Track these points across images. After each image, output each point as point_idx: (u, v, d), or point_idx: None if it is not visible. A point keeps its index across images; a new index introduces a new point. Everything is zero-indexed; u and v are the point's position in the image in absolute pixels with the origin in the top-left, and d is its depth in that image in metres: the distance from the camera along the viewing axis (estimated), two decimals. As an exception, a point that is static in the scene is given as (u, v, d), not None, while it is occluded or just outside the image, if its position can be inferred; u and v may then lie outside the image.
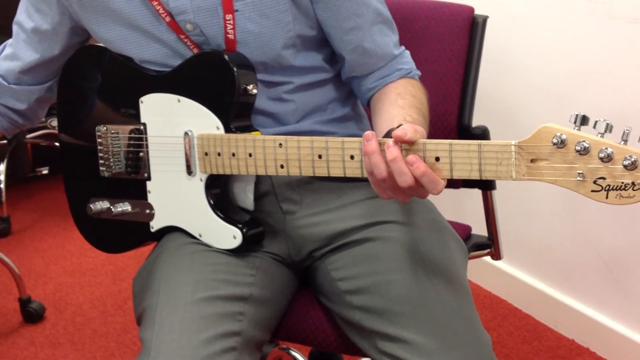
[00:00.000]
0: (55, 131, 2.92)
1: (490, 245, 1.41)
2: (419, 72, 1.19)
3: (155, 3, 1.07)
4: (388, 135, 0.92)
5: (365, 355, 1.07)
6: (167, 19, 1.08)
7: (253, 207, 1.09)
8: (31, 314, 2.08)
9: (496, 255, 1.42)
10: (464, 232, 1.39)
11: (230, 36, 1.07)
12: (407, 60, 1.18)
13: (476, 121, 1.37)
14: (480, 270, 2.19)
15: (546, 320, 2.04)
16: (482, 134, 1.30)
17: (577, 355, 1.89)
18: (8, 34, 1.24)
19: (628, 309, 1.80)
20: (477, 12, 1.37)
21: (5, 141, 2.85)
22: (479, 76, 1.38)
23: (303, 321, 1.14)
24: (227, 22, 1.06)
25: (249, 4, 1.06)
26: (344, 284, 1.07)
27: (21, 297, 2.09)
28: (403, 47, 1.19)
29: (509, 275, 2.14)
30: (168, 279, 1.04)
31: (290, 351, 1.82)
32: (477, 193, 1.40)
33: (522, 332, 2.00)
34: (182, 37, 1.09)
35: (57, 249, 2.55)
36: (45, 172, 3.00)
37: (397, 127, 0.91)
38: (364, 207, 1.12)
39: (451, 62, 1.35)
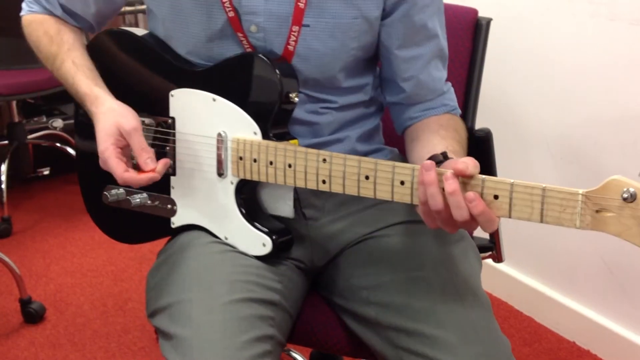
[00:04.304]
0: (57, 132, 2.94)
1: (492, 247, 1.41)
2: (460, 111, 1.19)
3: None
4: (433, 161, 0.91)
5: (371, 356, 1.07)
6: (231, 14, 1.05)
7: (293, 215, 1.07)
8: (32, 315, 2.08)
9: (498, 258, 1.42)
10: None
11: (291, 48, 1.06)
12: (452, 97, 1.18)
13: (479, 123, 1.37)
14: (482, 273, 2.18)
15: (547, 322, 2.03)
16: (485, 136, 1.29)
17: (578, 357, 1.89)
18: (9, 35, 1.24)
19: (630, 311, 1.80)
20: (480, 14, 1.37)
21: (6, 142, 2.85)
22: (482, 78, 1.37)
23: (306, 323, 1.14)
24: (292, 33, 1.05)
25: (322, 23, 1.05)
26: (362, 280, 1.07)
27: (22, 297, 2.09)
28: (449, 83, 1.18)
29: (510, 277, 2.14)
30: (199, 276, 1.02)
31: (291, 352, 1.82)
32: (479, 195, 1.40)
33: (523, 334, 2.00)
34: (240, 34, 1.06)
35: (58, 249, 2.55)
36: (46, 172, 3.00)
37: (441, 153, 0.91)
38: (386, 208, 1.12)
39: (454, 65, 1.34)
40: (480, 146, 1.29)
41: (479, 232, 1.43)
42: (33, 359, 1.92)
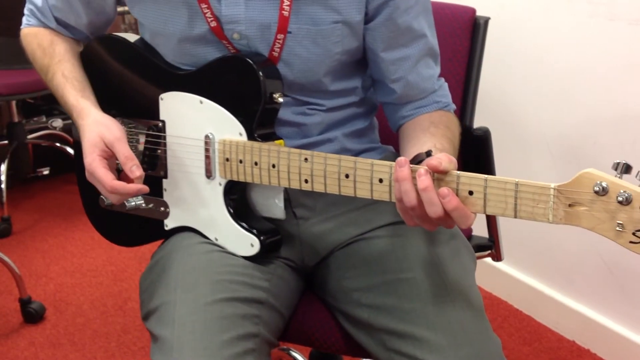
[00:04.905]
0: (57, 132, 2.94)
1: (491, 246, 1.41)
2: (454, 106, 1.18)
3: (204, 6, 1.05)
4: (415, 160, 0.91)
5: (368, 356, 1.07)
6: (213, 23, 1.06)
7: (284, 216, 1.07)
8: (31, 315, 2.08)
9: (497, 257, 1.42)
10: (465, 233, 1.39)
11: (275, 54, 1.06)
12: (445, 93, 1.17)
13: (477, 122, 1.37)
14: (481, 272, 2.17)
15: (547, 321, 2.04)
16: (484, 135, 1.30)
17: (578, 356, 1.89)
18: (9, 35, 1.24)
19: (629, 310, 1.80)
20: (478, 13, 1.37)
21: (6, 141, 2.86)
22: (481, 77, 1.38)
23: (303, 322, 1.14)
24: (277, 40, 1.05)
25: (304, 30, 1.05)
26: (353, 282, 1.07)
27: (21, 297, 2.09)
28: (442, 79, 1.18)
29: (509, 276, 2.14)
30: (184, 277, 1.03)
31: (291, 352, 1.82)
32: (478, 194, 1.40)
33: (522, 333, 2.00)
34: (224, 42, 1.07)
35: (57, 249, 2.55)
36: (46, 172, 3.00)
37: (426, 152, 0.90)
38: (377, 209, 1.12)
39: (452, 64, 1.35)
40: (478, 145, 1.29)
41: (479, 232, 1.44)
42: (33, 359, 1.92)
